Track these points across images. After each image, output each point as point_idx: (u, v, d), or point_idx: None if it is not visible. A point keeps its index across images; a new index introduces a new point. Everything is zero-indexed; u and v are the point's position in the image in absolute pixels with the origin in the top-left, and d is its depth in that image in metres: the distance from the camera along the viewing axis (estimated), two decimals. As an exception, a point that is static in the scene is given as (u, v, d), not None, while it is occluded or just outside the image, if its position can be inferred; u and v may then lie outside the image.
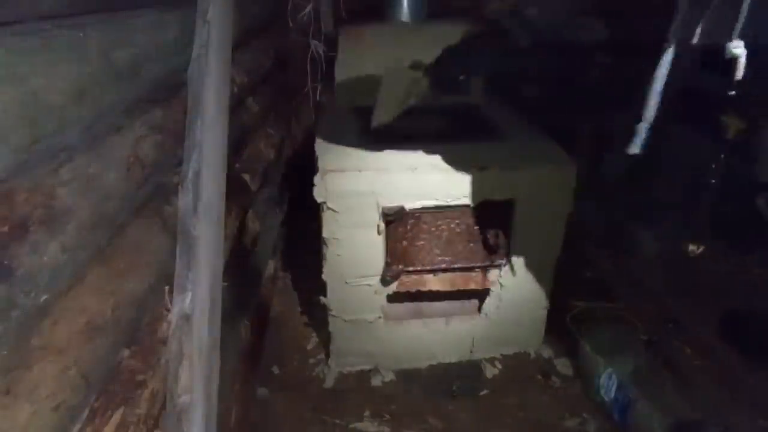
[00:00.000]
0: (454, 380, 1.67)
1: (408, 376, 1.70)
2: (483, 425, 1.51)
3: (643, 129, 1.18)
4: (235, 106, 1.48)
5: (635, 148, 1.20)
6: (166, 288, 0.94)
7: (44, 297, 0.62)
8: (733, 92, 0.92)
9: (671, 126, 2.01)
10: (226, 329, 1.12)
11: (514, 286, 1.64)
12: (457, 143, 1.55)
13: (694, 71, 1.15)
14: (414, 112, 1.87)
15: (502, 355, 1.77)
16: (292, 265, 2.22)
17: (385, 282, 1.58)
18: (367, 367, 1.72)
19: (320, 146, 1.55)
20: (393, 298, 1.66)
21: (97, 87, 0.77)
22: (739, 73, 0.86)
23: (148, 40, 0.95)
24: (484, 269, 1.62)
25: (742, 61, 0.85)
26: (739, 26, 0.82)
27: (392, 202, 1.46)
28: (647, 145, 1.20)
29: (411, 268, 1.59)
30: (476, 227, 1.53)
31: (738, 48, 0.84)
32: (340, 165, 1.44)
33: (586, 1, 1.65)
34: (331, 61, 2.01)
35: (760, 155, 1.46)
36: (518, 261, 1.60)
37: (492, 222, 1.53)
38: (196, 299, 0.93)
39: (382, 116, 1.58)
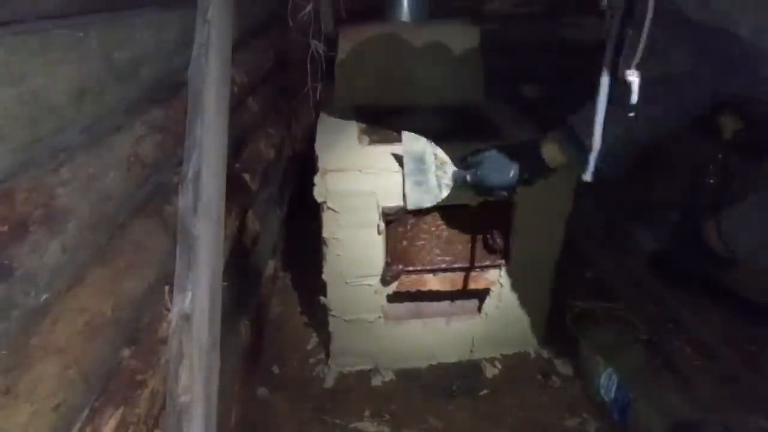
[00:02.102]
0: (454, 380, 1.67)
1: (408, 376, 1.70)
2: (483, 425, 1.51)
3: (591, 159, 1.09)
4: (235, 106, 1.48)
5: (587, 177, 1.12)
6: (166, 288, 0.94)
7: (44, 297, 0.62)
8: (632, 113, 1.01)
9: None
10: (226, 329, 1.12)
11: (514, 286, 1.65)
12: (458, 143, 1.55)
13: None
14: (414, 113, 1.88)
15: (502, 355, 1.77)
16: (292, 265, 2.22)
17: (385, 282, 1.58)
18: (367, 367, 1.72)
19: (320, 146, 1.55)
20: (393, 298, 1.66)
21: (97, 87, 0.77)
22: (634, 96, 0.97)
23: (148, 40, 0.95)
24: (484, 269, 1.62)
25: (635, 87, 0.96)
26: (636, 58, 0.94)
27: (392, 202, 1.46)
28: (599, 173, 1.11)
29: (411, 268, 1.59)
30: (476, 227, 1.54)
31: (631, 75, 0.96)
32: (340, 165, 1.44)
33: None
34: (331, 61, 2.01)
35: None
36: (518, 261, 1.60)
37: (492, 222, 1.53)
38: (196, 299, 0.93)
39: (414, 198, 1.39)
